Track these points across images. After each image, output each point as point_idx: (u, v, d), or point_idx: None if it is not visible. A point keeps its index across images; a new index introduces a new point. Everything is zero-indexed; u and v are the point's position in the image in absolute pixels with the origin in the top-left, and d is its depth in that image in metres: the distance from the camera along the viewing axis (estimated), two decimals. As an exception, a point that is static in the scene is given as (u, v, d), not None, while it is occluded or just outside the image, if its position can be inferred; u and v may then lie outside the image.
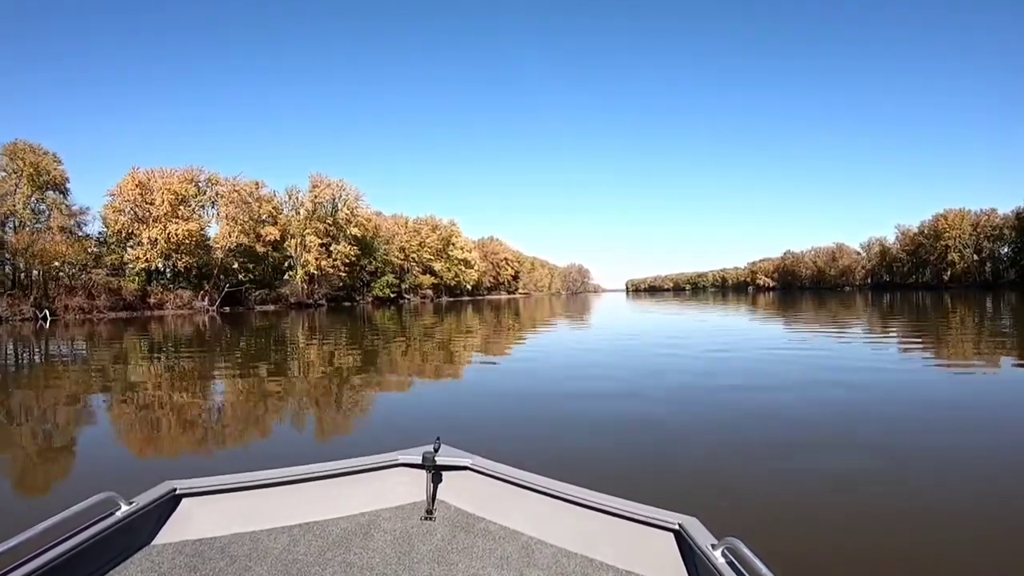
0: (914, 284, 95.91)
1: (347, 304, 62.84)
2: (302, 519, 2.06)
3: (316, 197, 58.33)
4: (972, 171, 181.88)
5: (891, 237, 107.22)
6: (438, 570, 1.72)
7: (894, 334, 15.47)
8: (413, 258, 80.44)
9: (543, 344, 14.63)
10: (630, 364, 10.05)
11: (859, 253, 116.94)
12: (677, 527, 1.68)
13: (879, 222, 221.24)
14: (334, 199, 60.76)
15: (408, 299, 77.29)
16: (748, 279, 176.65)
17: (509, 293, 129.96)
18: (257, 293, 56.21)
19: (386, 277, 67.62)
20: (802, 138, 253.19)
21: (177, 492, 1.94)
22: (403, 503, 2.21)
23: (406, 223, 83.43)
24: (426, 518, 2.09)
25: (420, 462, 2.19)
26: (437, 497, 2.22)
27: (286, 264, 58.84)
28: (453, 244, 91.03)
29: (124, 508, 1.74)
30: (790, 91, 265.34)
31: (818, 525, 3.03)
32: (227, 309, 49.25)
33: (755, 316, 26.77)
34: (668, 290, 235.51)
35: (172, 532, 1.89)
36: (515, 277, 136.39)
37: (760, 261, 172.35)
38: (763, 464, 4.08)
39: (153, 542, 1.84)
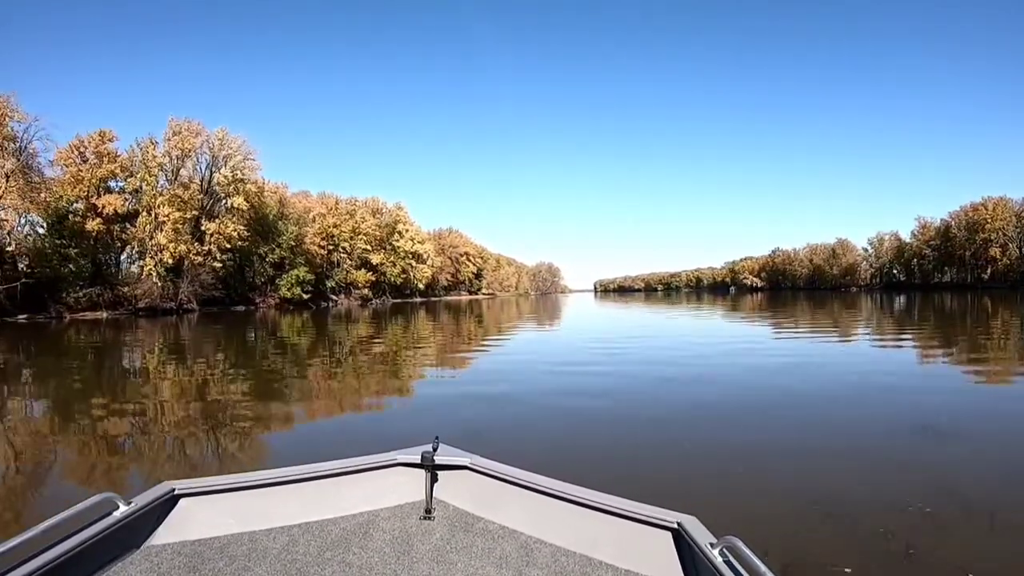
0: (940, 284, 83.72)
1: (240, 308, 44.92)
2: (301, 519, 2.01)
3: (177, 147, 39.00)
4: (961, 168, 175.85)
5: (905, 231, 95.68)
6: (437, 569, 1.71)
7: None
8: (344, 248, 62.24)
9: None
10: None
11: (865, 250, 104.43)
12: (676, 526, 1.66)
13: (872, 223, 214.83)
14: (213, 157, 41.97)
15: (335, 300, 59.30)
16: (727, 279, 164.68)
17: (471, 293, 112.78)
18: (83, 293, 37.45)
19: (296, 271, 48.82)
20: (786, 137, 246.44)
21: (176, 492, 1.91)
22: (402, 503, 2.17)
23: (336, 203, 64.88)
24: (425, 517, 2.06)
25: (419, 461, 2.14)
26: (436, 496, 2.17)
27: (135, 249, 39.86)
28: (400, 233, 73.29)
29: (123, 508, 1.71)
30: (770, 88, 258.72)
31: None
32: (20, 318, 32.36)
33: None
34: (639, 290, 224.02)
35: (171, 532, 1.86)
36: (478, 275, 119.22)
37: (741, 260, 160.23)
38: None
39: (152, 542, 1.82)
